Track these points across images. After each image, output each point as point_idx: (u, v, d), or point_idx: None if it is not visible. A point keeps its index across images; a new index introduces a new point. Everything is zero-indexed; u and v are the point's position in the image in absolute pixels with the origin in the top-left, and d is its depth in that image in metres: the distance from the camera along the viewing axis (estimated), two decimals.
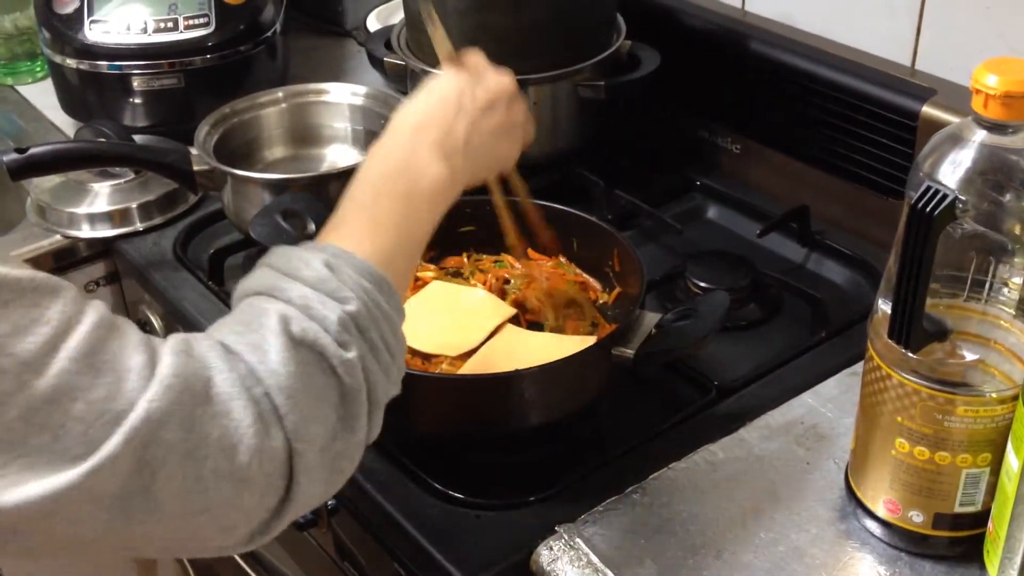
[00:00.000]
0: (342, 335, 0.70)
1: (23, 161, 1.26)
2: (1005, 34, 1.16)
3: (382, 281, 0.74)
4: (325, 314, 0.70)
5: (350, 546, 1.13)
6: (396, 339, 0.75)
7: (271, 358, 0.68)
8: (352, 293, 0.72)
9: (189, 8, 1.54)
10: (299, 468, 0.68)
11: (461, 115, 0.86)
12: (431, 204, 0.82)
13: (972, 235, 0.78)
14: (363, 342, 0.71)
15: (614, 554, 0.91)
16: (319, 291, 0.71)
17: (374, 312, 0.72)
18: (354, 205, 0.80)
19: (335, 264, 0.73)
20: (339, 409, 0.70)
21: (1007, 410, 0.82)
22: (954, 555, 0.90)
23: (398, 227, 0.79)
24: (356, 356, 0.70)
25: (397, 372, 0.76)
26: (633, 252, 1.11)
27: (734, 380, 1.11)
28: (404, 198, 0.80)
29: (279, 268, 0.73)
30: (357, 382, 0.71)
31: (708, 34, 1.41)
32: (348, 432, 0.71)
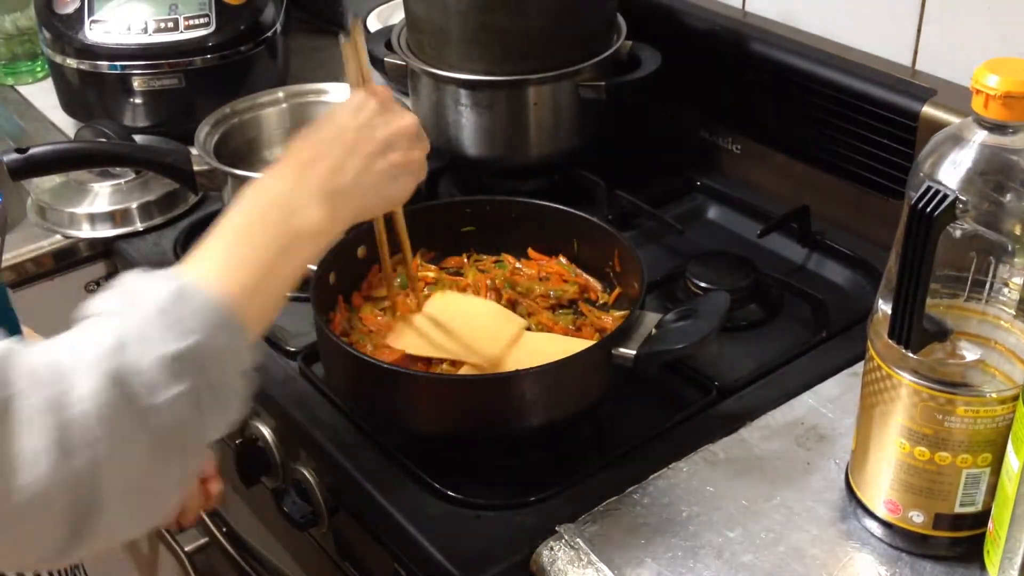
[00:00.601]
0: (163, 374, 0.68)
1: (23, 161, 1.26)
2: (1006, 34, 1.16)
3: (230, 319, 0.72)
4: (158, 346, 0.68)
5: (350, 546, 1.13)
6: (236, 377, 0.73)
7: (84, 386, 0.65)
8: (194, 328, 0.70)
9: (189, 8, 1.54)
10: (98, 498, 0.65)
11: (354, 153, 0.83)
12: (305, 245, 0.79)
13: (972, 235, 0.78)
14: (198, 377, 0.69)
15: (614, 554, 0.91)
16: (159, 322, 0.69)
17: (212, 349, 0.70)
18: (224, 235, 0.78)
19: (184, 296, 0.71)
20: (152, 448, 0.68)
21: (1007, 410, 0.82)
22: (954, 555, 0.90)
23: (264, 265, 0.77)
24: (184, 391, 0.68)
25: (236, 409, 0.73)
26: (634, 252, 1.11)
27: (735, 380, 1.11)
28: (276, 236, 0.78)
29: (127, 292, 0.72)
30: (179, 418, 0.68)
31: (708, 34, 1.41)
32: (163, 472, 0.69)
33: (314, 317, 1.06)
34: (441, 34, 1.33)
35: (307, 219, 0.79)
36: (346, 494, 1.07)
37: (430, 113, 1.39)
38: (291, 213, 0.79)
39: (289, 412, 1.12)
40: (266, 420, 1.19)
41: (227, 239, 0.78)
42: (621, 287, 1.15)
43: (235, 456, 1.21)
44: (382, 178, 0.85)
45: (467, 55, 1.33)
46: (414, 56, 1.39)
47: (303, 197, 0.80)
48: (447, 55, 1.34)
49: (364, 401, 1.07)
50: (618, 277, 1.15)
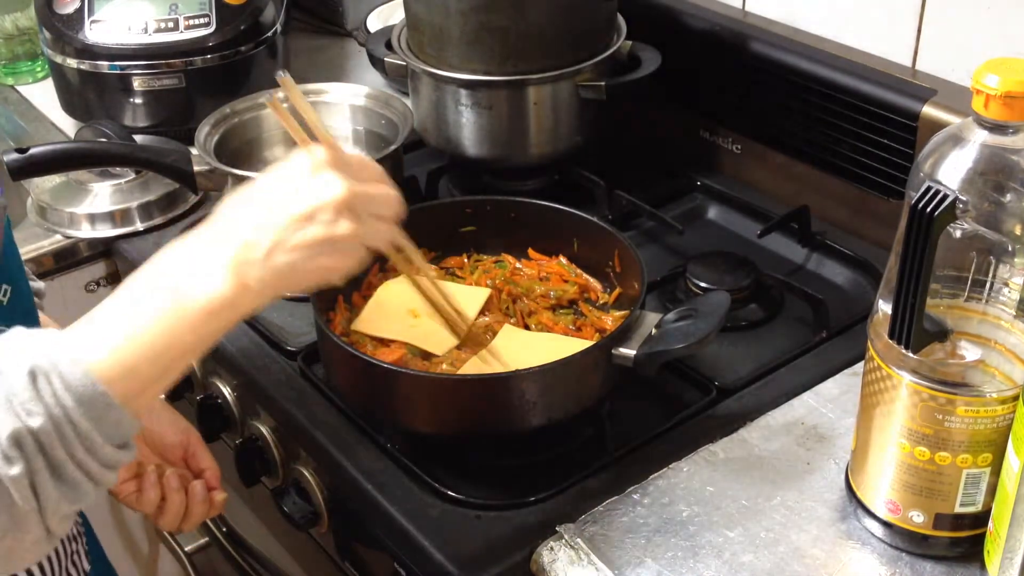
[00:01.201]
0: (12, 451, 0.68)
1: (23, 161, 1.26)
2: (1006, 34, 1.16)
3: (95, 398, 0.70)
4: (2, 425, 0.68)
5: (350, 546, 1.13)
6: (93, 455, 0.71)
7: None
8: (41, 409, 0.69)
9: (190, 8, 1.54)
10: None
11: (267, 227, 0.75)
12: (204, 317, 0.74)
13: (972, 235, 0.78)
14: (38, 459, 0.69)
15: (614, 554, 0.91)
16: (8, 400, 0.69)
17: (64, 430, 0.70)
18: (119, 301, 0.75)
19: (42, 374, 0.70)
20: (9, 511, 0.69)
21: (1007, 410, 0.82)
22: (954, 555, 0.90)
23: (154, 340, 0.73)
24: (22, 472, 0.69)
25: (90, 486, 0.72)
26: (634, 252, 1.11)
27: (735, 380, 1.11)
28: (170, 309, 0.74)
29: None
30: (24, 496, 0.69)
31: (709, 34, 1.41)
32: (18, 532, 0.70)
33: (314, 317, 1.06)
34: (441, 34, 1.33)
35: (207, 292, 0.74)
36: (346, 494, 1.07)
37: (430, 113, 1.39)
38: (192, 284, 0.74)
39: (289, 412, 1.12)
40: (266, 420, 1.19)
41: (122, 305, 0.75)
42: (621, 287, 1.15)
43: (235, 456, 1.21)
44: (299, 255, 0.76)
45: (467, 55, 1.33)
46: (414, 56, 1.39)
47: (207, 268, 0.75)
48: (447, 55, 1.34)
49: (364, 401, 1.07)
50: (618, 277, 1.15)
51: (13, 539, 0.70)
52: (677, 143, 1.51)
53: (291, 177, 0.78)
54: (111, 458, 0.73)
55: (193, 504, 1.04)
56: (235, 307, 0.75)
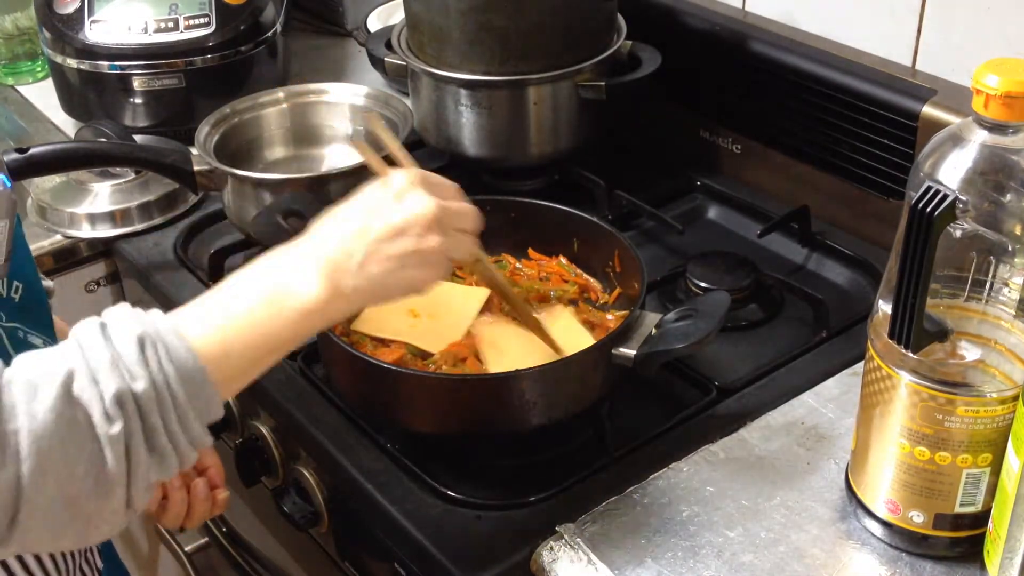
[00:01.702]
0: (114, 408, 0.71)
1: (23, 161, 1.26)
2: (1006, 34, 1.16)
3: (194, 373, 0.74)
4: (108, 383, 0.71)
5: (350, 546, 1.13)
6: (184, 429, 0.74)
7: (38, 403, 0.69)
8: (145, 373, 0.72)
9: (190, 8, 1.54)
10: (24, 511, 0.69)
11: (362, 238, 0.82)
12: (298, 319, 0.79)
13: (972, 235, 0.78)
14: (136, 421, 0.72)
15: (614, 554, 0.91)
16: (116, 361, 0.72)
17: (163, 398, 0.72)
18: (222, 292, 0.80)
19: (149, 341, 0.73)
20: (96, 475, 0.71)
21: (1007, 410, 0.82)
22: (954, 555, 0.90)
23: (250, 330, 0.78)
24: (120, 432, 0.71)
25: (176, 460, 0.75)
26: (634, 252, 1.11)
27: (734, 380, 1.11)
28: (269, 305, 0.78)
29: (103, 324, 0.74)
30: (117, 456, 0.71)
31: (708, 34, 1.41)
32: (102, 497, 0.72)
33: None
34: (441, 34, 1.33)
35: (301, 296, 0.79)
36: (346, 494, 1.07)
37: (430, 113, 1.39)
38: (289, 288, 0.79)
39: (289, 412, 1.12)
40: (266, 420, 1.19)
41: (224, 296, 0.79)
42: (621, 287, 1.15)
43: (235, 456, 1.21)
44: (390, 266, 0.82)
45: (467, 55, 1.33)
46: (414, 56, 1.39)
47: (304, 274, 0.80)
48: (447, 55, 1.34)
49: (364, 401, 1.07)
50: (618, 277, 1.15)
51: (96, 505, 0.72)
52: (677, 143, 1.51)
53: (384, 195, 0.84)
54: (199, 435, 0.76)
55: (195, 502, 1.05)
56: (327, 312, 0.80)
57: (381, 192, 0.85)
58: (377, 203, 0.84)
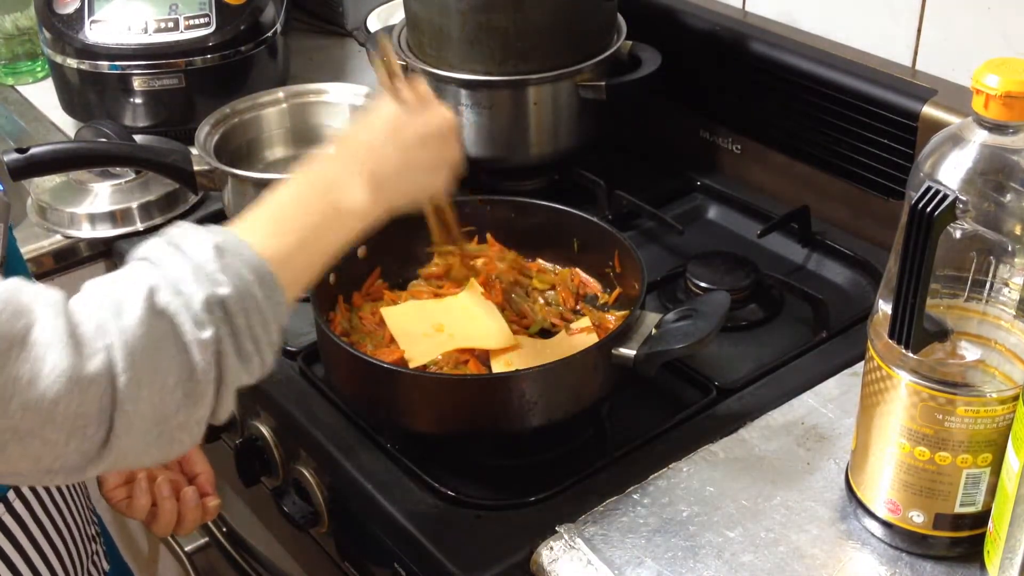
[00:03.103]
0: (203, 315, 0.72)
1: (24, 161, 1.26)
2: (1006, 34, 1.16)
3: (266, 276, 0.76)
4: (194, 291, 0.73)
5: (350, 546, 1.13)
6: (265, 331, 0.76)
7: (126, 318, 0.71)
8: (228, 279, 0.74)
9: (190, 8, 1.54)
10: (120, 424, 0.70)
11: (395, 146, 0.88)
12: (345, 222, 0.85)
13: (972, 235, 0.78)
14: (225, 325, 0.73)
15: (614, 554, 0.91)
16: (197, 270, 0.74)
17: (247, 301, 0.75)
18: (271, 203, 0.83)
19: (224, 249, 0.75)
20: (185, 384, 0.72)
21: (1007, 410, 0.82)
22: (954, 555, 0.90)
23: (305, 234, 0.82)
24: (212, 337, 0.73)
25: (259, 364, 0.77)
26: (634, 252, 1.11)
27: (734, 380, 1.11)
28: (319, 211, 0.83)
29: (172, 241, 0.77)
30: (208, 362, 0.73)
31: (709, 34, 1.41)
32: (191, 407, 0.73)
33: (314, 317, 1.06)
34: (441, 34, 1.33)
35: (350, 198, 0.84)
36: (346, 494, 1.07)
37: None
38: (336, 191, 0.84)
39: (289, 412, 1.12)
40: (266, 420, 1.19)
41: (274, 206, 0.83)
42: (621, 287, 1.15)
43: (235, 456, 1.21)
44: (420, 170, 0.90)
45: (467, 55, 1.33)
46: (414, 56, 1.39)
47: (348, 179, 0.85)
48: (447, 55, 1.34)
49: (364, 401, 1.07)
50: (618, 277, 1.15)
51: (185, 415, 0.73)
52: (677, 143, 1.51)
53: (403, 107, 0.90)
54: (276, 338, 0.78)
55: (185, 510, 1.05)
56: (369, 214, 0.86)
57: (401, 104, 0.90)
58: (402, 113, 0.90)
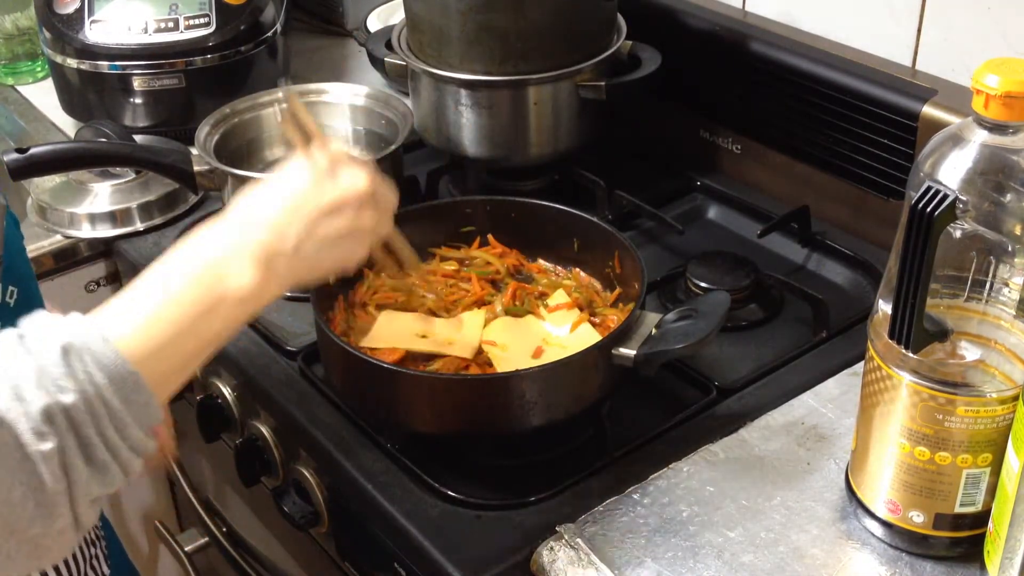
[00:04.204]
0: (43, 426, 0.67)
1: (24, 161, 1.26)
2: (1006, 34, 1.16)
3: (125, 377, 0.71)
4: (34, 397, 0.67)
5: (350, 546, 1.13)
6: (123, 437, 0.71)
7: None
8: (74, 386, 0.68)
9: (190, 8, 1.54)
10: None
11: (296, 219, 0.79)
12: (232, 307, 0.77)
13: (972, 235, 0.78)
14: (70, 436, 0.68)
15: (614, 554, 0.91)
16: (41, 374, 0.68)
17: (96, 408, 0.69)
18: (148, 287, 0.76)
19: (73, 350, 0.70)
20: (35, 495, 0.67)
21: (1007, 410, 0.82)
22: (954, 555, 0.90)
23: (181, 325, 0.75)
24: (54, 448, 0.67)
25: (118, 470, 0.71)
26: (634, 252, 1.11)
27: (734, 380, 1.11)
28: (201, 297, 0.76)
29: (22, 336, 0.71)
30: (54, 474, 0.68)
31: (709, 34, 1.41)
32: (46, 519, 0.68)
33: (314, 317, 1.06)
34: (441, 34, 1.33)
35: (237, 283, 0.76)
36: (346, 494, 1.07)
37: (430, 113, 1.39)
38: (221, 275, 0.76)
39: (289, 412, 1.12)
40: (266, 420, 1.19)
41: (149, 293, 0.76)
42: (621, 287, 1.15)
43: (235, 456, 1.21)
44: (324, 244, 0.80)
45: (467, 55, 1.33)
46: (414, 56, 1.39)
47: (237, 261, 0.77)
48: (447, 55, 1.34)
49: (364, 401, 1.07)
50: (618, 277, 1.15)
51: (42, 527, 0.69)
52: (677, 143, 1.51)
53: (315, 171, 0.81)
54: (139, 442, 0.72)
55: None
56: (261, 297, 0.78)
57: (310, 168, 0.82)
58: (308, 179, 0.81)
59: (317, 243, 0.79)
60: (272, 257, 0.77)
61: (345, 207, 0.81)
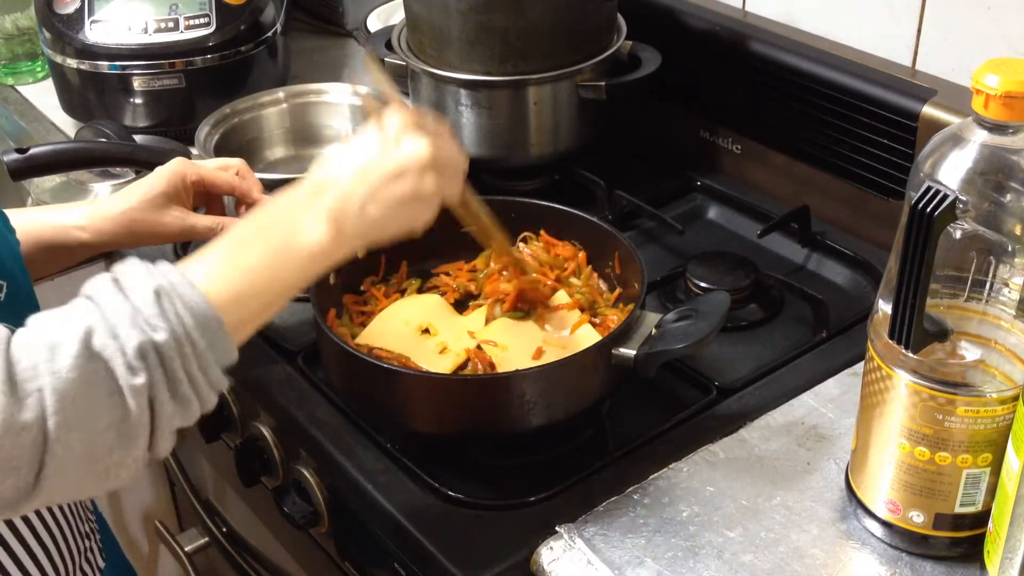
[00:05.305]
0: (136, 361, 0.73)
1: (24, 161, 1.26)
2: (1006, 34, 1.16)
3: (209, 320, 0.76)
4: (129, 336, 0.73)
5: (350, 546, 1.13)
6: (205, 375, 0.76)
7: (60, 360, 0.71)
8: (165, 324, 0.74)
9: (190, 8, 1.54)
10: (51, 465, 0.71)
11: (362, 183, 0.85)
12: (304, 262, 0.83)
13: (972, 235, 0.78)
14: (159, 371, 0.74)
15: (614, 554, 0.91)
16: (135, 314, 0.74)
17: (184, 347, 0.75)
18: (228, 241, 0.83)
19: (165, 293, 0.75)
20: (118, 426, 0.73)
21: (1007, 410, 0.82)
22: (954, 555, 0.90)
23: (259, 274, 0.81)
24: (144, 383, 0.73)
25: (198, 406, 0.77)
26: (634, 252, 1.11)
27: (734, 380, 1.11)
28: (275, 251, 0.82)
29: (117, 281, 0.77)
30: (141, 406, 0.73)
31: (709, 34, 1.41)
32: (125, 448, 0.74)
33: (314, 317, 1.06)
34: (441, 34, 1.33)
35: (308, 239, 0.82)
36: (346, 494, 1.07)
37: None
38: (295, 231, 0.82)
39: (289, 412, 1.12)
40: (266, 420, 1.19)
41: (229, 246, 0.82)
42: (621, 287, 1.15)
43: (235, 456, 1.21)
44: (388, 207, 0.85)
45: (467, 55, 1.33)
46: (414, 56, 1.39)
47: (309, 219, 0.83)
48: (447, 55, 1.34)
49: (364, 401, 1.07)
50: (618, 277, 1.15)
51: (119, 455, 0.74)
52: (677, 143, 1.51)
53: (382, 138, 0.87)
54: (218, 380, 0.78)
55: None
56: (331, 253, 0.84)
57: (378, 136, 0.87)
58: (375, 147, 0.86)
59: (381, 206, 0.85)
60: (340, 217, 0.83)
61: (407, 173, 0.86)
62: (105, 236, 1.07)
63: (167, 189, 1.09)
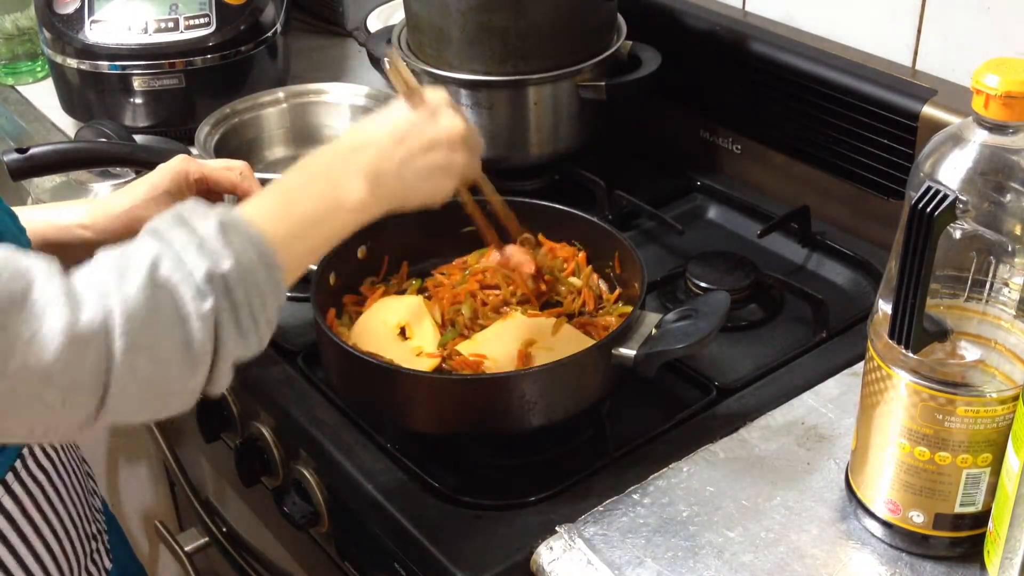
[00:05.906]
0: (205, 287, 0.75)
1: (24, 161, 1.26)
2: (1006, 34, 1.16)
3: (268, 255, 0.79)
4: (196, 264, 0.75)
5: (350, 546, 1.13)
6: (263, 308, 0.79)
7: (128, 284, 0.73)
8: (231, 254, 0.77)
9: (190, 8, 1.54)
10: (114, 387, 0.73)
11: (401, 147, 0.90)
12: (344, 215, 0.88)
13: (972, 235, 0.78)
14: (225, 299, 0.76)
15: (614, 554, 0.91)
16: (202, 244, 0.76)
17: (247, 277, 0.77)
18: (278, 188, 0.87)
19: (229, 226, 0.78)
20: (182, 354, 0.75)
21: (1007, 410, 0.82)
22: (954, 555, 0.90)
23: (305, 221, 0.85)
24: (211, 309, 0.75)
25: (256, 339, 0.80)
26: (634, 252, 1.11)
27: (735, 380, 1.11)
28: (320, 200, 0.86)
29: (179, 215, 0.79)
30: (206, 333, 0.75)
31: (709, 34, 1.41)
32: (186, 376, 0.76)
33: (314, 317, 1.06)
34: (441, 34, 1.33)
35: (349, 193, 0.87)
36: (346, 494, 1.07)
37: None
38: (336, 184, 0.87)
39: (289, 412, 1.12)
40: (266, 420, 1.19)
41: (280, 190, 0.87)
42: (621, 287, 1.15)
43: (235, 456, 1.21)
44: (422, 173, 0.91)
45: (467, 55, 1.33)
46: (414, 56, 1.39)
47: (348, 173, 0.88)
48: (447, 55, 1.34)
49: (363, 401, 1.07)
50: (618, 277, 1.15)
51: (179, 384, 0.76)
52: (677, 143, 1.51)
53: (419, 112, 0.93)
54: (273, 316, 0.81)
55: None
56: (366, 210, 0.89)
57: (414, 110, 0.93)
58: (413, 118, 0.93)
59: (415, 171, 0.91)
60: (379, 175, 0.88)
61: (441, 144, 0.92)
62: (109, 234, 1.07)
63: (170, 186, 1.09)
